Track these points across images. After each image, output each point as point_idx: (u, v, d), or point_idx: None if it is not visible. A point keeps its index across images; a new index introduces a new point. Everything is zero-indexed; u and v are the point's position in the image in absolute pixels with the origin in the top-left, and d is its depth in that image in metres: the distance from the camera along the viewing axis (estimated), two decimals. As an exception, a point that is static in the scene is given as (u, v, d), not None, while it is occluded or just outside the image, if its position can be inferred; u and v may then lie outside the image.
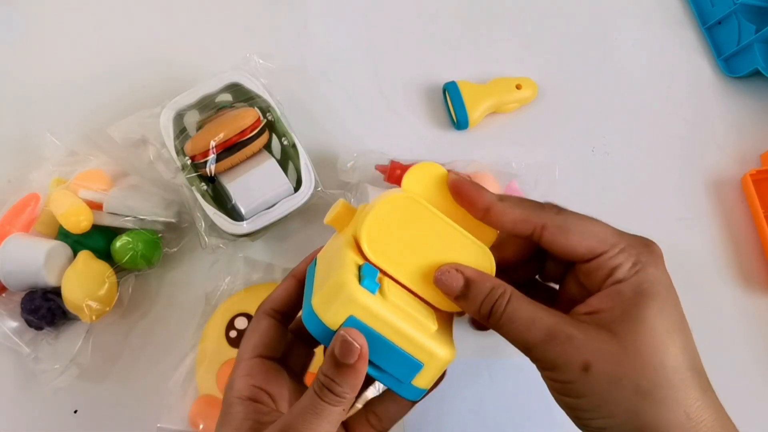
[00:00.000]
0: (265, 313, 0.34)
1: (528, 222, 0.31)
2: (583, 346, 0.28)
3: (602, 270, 0.30)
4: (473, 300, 0.30)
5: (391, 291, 0.30)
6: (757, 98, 0.60)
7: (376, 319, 0.29)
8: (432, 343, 0.29)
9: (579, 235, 0.31)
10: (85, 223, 0.47)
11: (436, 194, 0.32)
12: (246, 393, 0.32)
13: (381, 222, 0.31)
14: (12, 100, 0.57)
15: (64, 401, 0.47)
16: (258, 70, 0.53)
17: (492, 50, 0.61)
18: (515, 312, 0.29)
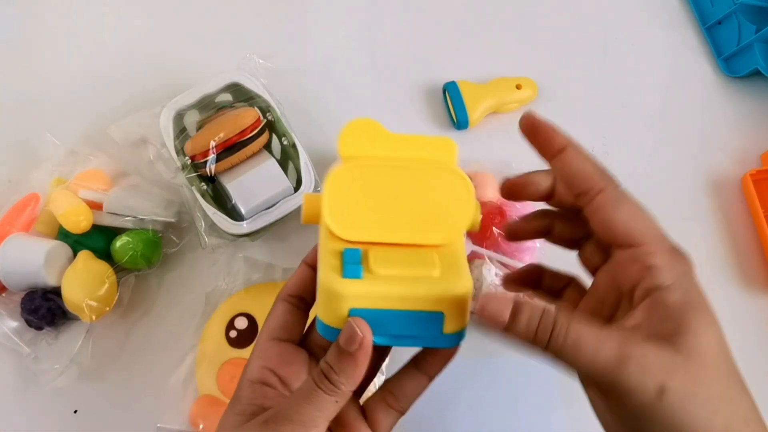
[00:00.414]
0: (281, 299, 0.34)
1: (591, 178, 0.30)
2: (656, 366, 0.25)
3: (637, 264, 0.28)
4: (525, 327, 0.27)
5: (379, 262, 0.29)
6: (757, 98, 0.60)
7: (374, 300, 0.28)
8: (439, 289, 0.29)
9: (626, 215, 0.29)
10: (85, 223, 0.47)
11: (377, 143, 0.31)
12: (256, 375, 0.32)
13: (338, 200, 0.30)
14: (12, 101, 0.57)
15: (64, 401, 0.47)
16: (258, 70, 0.53)
17: (492, 50, 0.61)
18: (580, 336, 0.26)
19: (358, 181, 0.30)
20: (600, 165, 0.31)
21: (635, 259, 0.28)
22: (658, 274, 0.28)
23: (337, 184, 0.30)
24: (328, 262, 0.30)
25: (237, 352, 0.47)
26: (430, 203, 0.31)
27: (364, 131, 0.31)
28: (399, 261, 0.30)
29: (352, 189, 0.30)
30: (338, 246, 0.30)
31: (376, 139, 0.31)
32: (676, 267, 0.28)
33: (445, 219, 0.31)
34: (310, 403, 0.28)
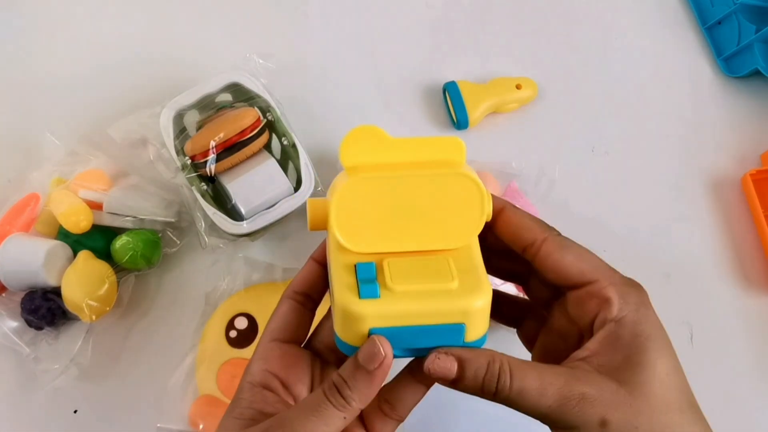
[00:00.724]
0: (287, 297, 0.33)
1: (532, 231, 0.31)
2: (597, 402, 0.27)
3: (593, 300, 0.30)
4: (473, 380, 0.28)
5: (395, 277, 0.29)
6: (757, 98, 0.60)
7: (394, 318, 0.28)
8: (459, 302, 0.28)
9: (575, 257, 0.31)
10: (84, 223, 0.47)
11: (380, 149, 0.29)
12: (258, 378, 0.31)
13: (347, 213, 0.29)
14: (12, 100, 0.57)
15: (64, 401, 0.47)
16: (258, 69, 0.53)
17: (492, 50, 0.61)
18: (524, 383, 0.28)
19: (365, 195, 0.29)
20: (538, 219, 0.32)
21: (591, 294, 0.30)
22: (613, 307, 0.29)
23: (344, 199, 0.29)
24: (342, 278, 0.29)
25: (237, 352, 0.47)
26: (440, 208, 0.30)
27: (366, 138, 0.29)
28: (415, 274, 0.29)
29: (359, 202, 0.29)
30: (350, 259, 0.30)
31: (379, 145, 0.29)
32: (630, 299, 0.30)
33: (457, 222, 0.30)
34: (317, 416, 0.27)
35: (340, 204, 0.29)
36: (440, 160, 0.29)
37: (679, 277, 0.53)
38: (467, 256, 0.30)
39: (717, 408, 0.48)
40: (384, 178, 0.29)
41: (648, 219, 0.55)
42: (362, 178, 0.29)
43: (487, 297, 0.29)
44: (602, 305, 0.30)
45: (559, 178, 0.54)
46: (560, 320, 0.33)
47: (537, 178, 0.54)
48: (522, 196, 0.51)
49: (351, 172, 0.29)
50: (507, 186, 0.52)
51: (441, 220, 0.30)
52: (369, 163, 0.29)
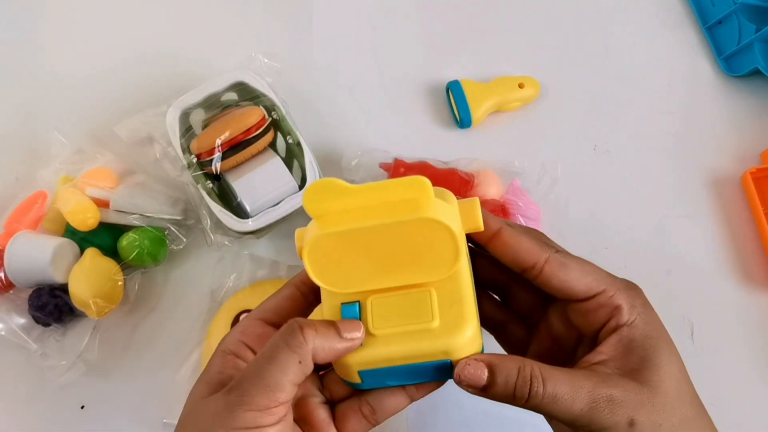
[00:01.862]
0: (291, 283, 0.33)
1: (532, 252, 0.31)
2: (624, 403, 0.28)
3: (604, 309, 0.31)
4: (503, 386, 0.28)
5: (377, 319, 0.29)
6: (757, 97, 0.60)
7: (378, 362, 0.29)
8: (440, 341, 0.29)
9: (578, 272, 0.31)
10: (91, 221, 0.48)
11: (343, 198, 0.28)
12: (231, 347, 0.31)
13: (322, 265, 0.29)
14: (20, 99, 0.57)
15: (71, 397, 0.48)
16: (263, 69, 0.53)
17: (495, 49, 0.61)
18: (556, 388, 0.28)
19: (335, 247, 0.29)
20: (534, 231, 0.32)
21: (601, 304, 0.31)
22: (623, 313, 0.30)
23: (315, 251, 0.29)
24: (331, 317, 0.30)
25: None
26: (413, 250, 0.29)
27: (327, 191, 0.28)
28: (396, 314, 0.29)
29: (331, 252, 0.29)
30: (335, 300, 0.30)
31: (341, 195, 0.28)
32: (636, 302, 0.31)
33: (433, 259, 0.29)
34: (271, 363, 0.27)
35: (312, 258, 0.29)
36: (404, 199, 0.28)
37: (679, 274, 0.53)
38: (453, 284, 0.30)
39: (718, 404, 0.48)
40: (350, 231, 0.28)
41: (649, 216, 0.55)
42: (328, 233, 0.28)
43: (473, 327, 0.29)
44: (613, 312, 0.30)
45: (561, 177, 0.55)
46: (557, 326, 0.34)
47: (539, 177, 0.54)
48: (524, 194, 0.52)
49: (319, 222, 0.29)
50: (509, 184, 0.52)
51: (417, 258, 0.29)
52: (334, 209, 0.29)
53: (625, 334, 0.30)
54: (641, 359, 0.29)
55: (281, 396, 0.27)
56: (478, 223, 0.30)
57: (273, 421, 0.27)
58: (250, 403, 0.26)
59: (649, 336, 0.30)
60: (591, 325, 0.31)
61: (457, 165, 0.53)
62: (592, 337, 0.32)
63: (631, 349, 0.30)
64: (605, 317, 0.31)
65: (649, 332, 0.30)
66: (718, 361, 0.51)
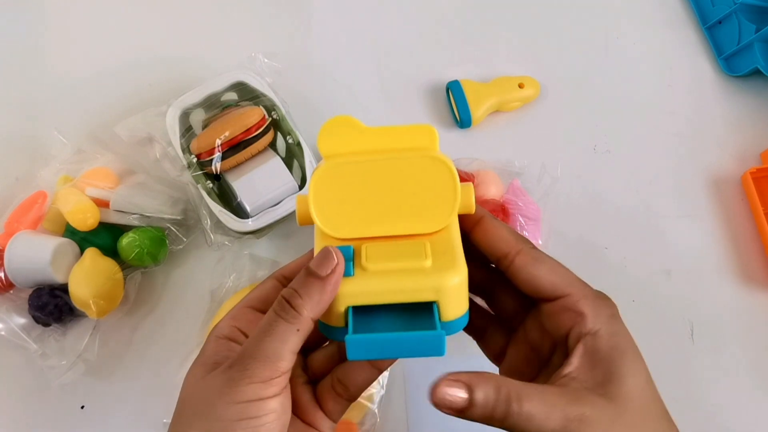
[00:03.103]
0: (273, 277, 0.34)
1: (507, 242, 0.32)
2: (595, 422, 0.27)
3: (567, 314, 0.30)
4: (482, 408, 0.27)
5: (371, 257, 0.29)
6: (757, 97, 0.60)
7: (368, 296, 0.29)
8: (431, 278, 0.29)
9: (548, 269, 0.31)
10: (91, 221, 0.48)
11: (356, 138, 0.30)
12: (225, 332, 0.31)
13: (325, 199, 0.30)
14: (20, 99, 0.58)
15: (71, 397, 0.48)
16: (263, 69, 0.53)
17: (495, 50, 0.61)
18: (531, 407, 0.27)
19: (342, 179, 0.30)
20: (515, 232, 0.33)
21: (565, 307, 0.30)
22: (587, 321, 0.30)
23: (321, 183, 0.30)
24: None
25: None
26: (416, 192, 0.30)
27: (342, 128, 0.30)
28: (390, 254, 0.30)
29: (337, 187, 0.30)
30: (330, 244, 0.30)
31: (355, 134, 0.30)
32: (603, 312, 0.30)
33: (433, 206, 0.31)
34: (270, 335, 0.27)
35: (318, 189, 0.30)
36: (414, 146, 0.30)
37: (679, 274, 0.53)
38: (446, 239, 0.31)
39: (717, 404, 0.48)
40: (358, 162, 0.30)
41: (649, 216, 0.55)
42: (337, 162, 0.30)
43: (462, 274, 0.29)
44: (576, 319, 0.30)
45: (561, 176, 0.55)
46: (533, 332, 0.33)
47: (539, 176, 0.54)
48: (524, 194, 0.52)
49: (329, 159, 0.30)
50: (509, 184, 0.52)
51: (416, 203, 0.31)
52: (346, 151, 0.30)
53: (590, 344, 0.29)
54: (607, 371, 0.29)
55: (282, 365, 0.27)
56: (471, 203, 0.31)
57: (275, 392, 0.27)
58: (251, 376, 0.27)
59: (614, 347, 0.29)
60: (557, 330, 0.31)
61: (457, 165, 0.53)
62: (563, 344, 0.31)
63: (596, 361, 0.29)
64: (569, 323, 0.30)
65: (615, 343, 0.29)
66: (718, 361, 0.51)
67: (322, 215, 0.31)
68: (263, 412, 0.27)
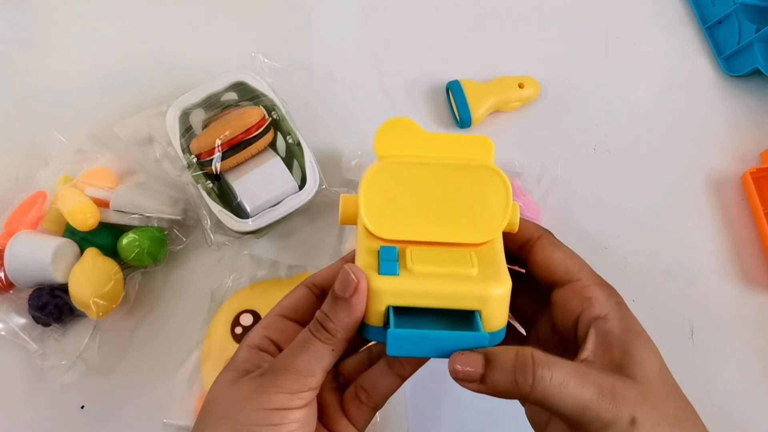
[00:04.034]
0: (304, 284, 0.34)
1: (529, 230, 0.34)
2: (625, 397, 0.27)
3: (577, 298, 0.31)
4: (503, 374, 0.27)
5: (416, 260, 0.29)
6: (758, 97, 0.60)
7: (411, 297, 0.28)
8: (477, 286, 0.28)
9: (563, 255, 0.33)
10: (91, 221, 0.48)
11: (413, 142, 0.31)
12: (256, 342, 0.32)
13: (375, 198, 0.30)
14: (20, 99, 0.57)
15: (71, 397, 0.48)
16: (263, 69, 0.53)
17: (495, 49, 0.61)
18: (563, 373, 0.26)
19: (394, 180, 0.30)
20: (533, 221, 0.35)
21: (574, 293, 0.31)
22: (597, 305, 0.30)
23: (373, 182, 0.30)
24: (365, 259, 0.30)
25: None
26: (467, 201, 0.31)
27: (400, 130, 0.31)
28: (436, 259, 0.30)
29: (388, 187, 0.30)
30: (375, 244, 0.31)
31: (412, 137, 0.31)
32: (610, 298, 0.31)
33: (482, 217, 0.31)
34: (306, 352, 0.29)
35: (369, 187, 0.30)
36: (470, 156, 0.31)
37: (679, 274, 0.53)
38: (490, 251, 0.31)
39: (717, 403, 0.48)
40: (412, 163, 0.30)
41: (649, 217, 0.55)
42: (391, 161, 0.30)
43: (506, 287, 0.29)
44: (585, 303, 0.31)
45: (561, 177, 0.55)
46: (544, 331, 0.34)
47: (539, 177, 0.54)
48: (524, 194, 0.52)
49: (382, 159, 0.31)
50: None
51: (466, 213, 0.31)
52: (400, 153, 0.31)
53: (601, 327, 0.30)
54: (623, 353, 0.29)
55: (312, 381, 0.29)
56: (516, 222, 0.32)
57: (300, 404, 0.28)
58: (280, 386, 0.28)
59: (626, 330, 0.30)
60: (567, 316, 0.31)
61: (457, 165, 0.53)
62: (571, 335, 0.32)
63: (610, 343, 0.29)
64: (578, 308, 0.31)
65: (626, 326, 0.30)
66: (718, 361, 0.51)
67: (370, 215, 0.31)
68: (286, 421, 0.28)
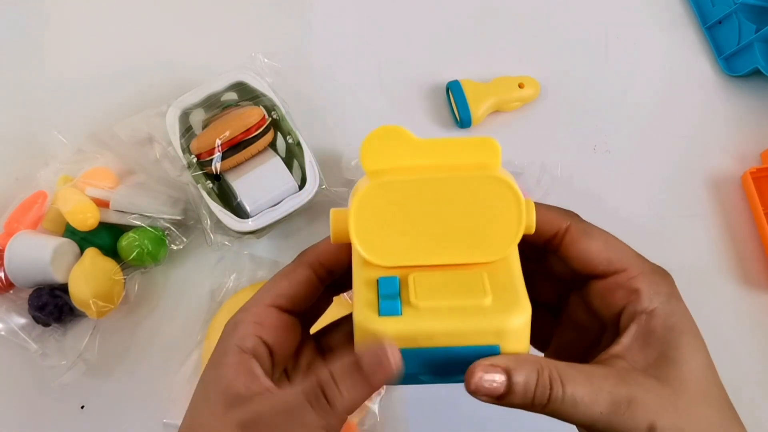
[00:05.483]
0: (307, 264, 0.30)
1: (553, 222, 0.29)
2: (645, 405, 0.25)
3: (622, 291, 0.28)
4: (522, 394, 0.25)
5: (421, 292, 0.26)
6: (757, 97, 0.60)
7: (418, 339, 0.25)
8: (492, 320, 0.25)
9: (602, 243, 0.29)
10: (91, 221, 0.48)
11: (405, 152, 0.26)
12: (249, 344, 0.28)
13: (368, 223, 0.26)
14: (20, 99, 0.58)
15: (71, 397, 0.48)
16: (263, 69, 0.53)
17: (495, 49, 0.61)
18: (575, 390, 0.25)
19: (389, 200, 0.26)
20: (552, 205, 0.30)
21: (619, 285, 0.28)
22: (643, 299, 0.27)
23: (365, 205, 0.26)
24: (362, 294, 0.26)
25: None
26: (472, 217, 0.26)
27: (389, 139, 0.26)
28: (443, 289, 0.26)
29: (383, 209, 0.26)
30: (373, 274, 0.27)
31: (404, 147, 0.26)
32: (661, 289, 0.28)
33: (491, 232, 0.27)
34: (293, 421, 0.24)
35: (361, 212, 0.26)
36: (472, 163, 0.26)
37: (679, 274, 0.52)
38: (505, 269, 0.27)
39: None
40: (408, 182, 0.26)
41: (648, 217, 0.55)
42: (384, 182, 0.26)
43: (527, 313, 0.25)
44: (630, 296, 0.28)
45: (560, 177, 0.55)
46: (578, 313, 0.31)
47: (539, 177, 0.54)
48: (524, 194, 0.52)
49: (373, 176, 0.26)
50: (509, 184, 0.52)
51: (473, 229, 0.27)
52: (393, 167, 0.26)
53: (644, 324, 0.27)
54: (661, 353, 0.26)
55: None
56: (532, 223, 0.27)
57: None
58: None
59: (671, 328, 0.27)
60: (610, 308, 0.28)
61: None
62: (613, 324, 0.29)
63: (650, 341, 0.27)
64: (622, 301, 0.28)
65: (672, 324, 0.27)
66: (717, 361, 0.50)
67: (365, 242, 0.27)
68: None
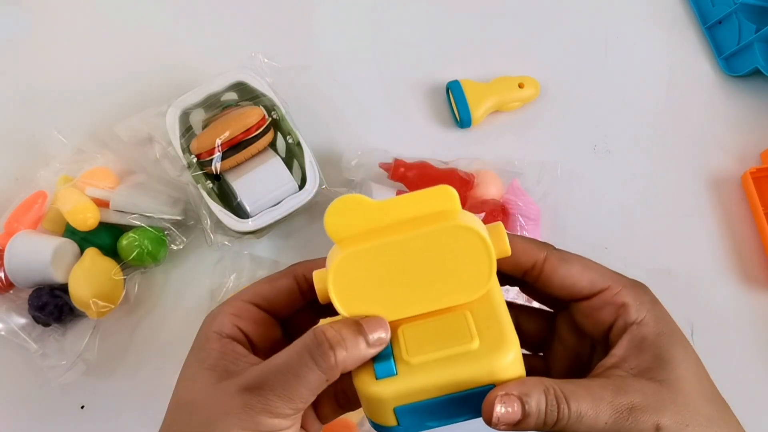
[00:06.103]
0: (294, 275, 0.31)
1: (530, 253, 0.30)
2: (646, 408, 0.26)
3: (609, 307, 0.30)
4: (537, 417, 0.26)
5: (411, 347, 0.27)
6: (757, 97, 0.60)
7: (416, 394, 0.27)
8: (483, 363, 0.27)
9: (580, 267, 0.30)
10: (91, 221, 0.48)
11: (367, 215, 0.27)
12: (228, 331, 0.29)
13: (348, 291, 0.28)
14: (20, 99, 0.57)
15: (71, 397, 0.48)
16: (263, 68, 0.53)
17: (495, 49, 0.61)
18: (579, 406, 0.26)
19: (361, 267, 0.27)
20: (528, 237, 0.32)
21: (605, 302, 0.30)
22: (631, 311, 0.29)
23: (340, 275, 0.27)
24: None
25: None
26: (444, 264, 0.28)
27: (350, 208, 0.27)
28: (431, 339, 0.28)
29: (358, 275, 0.28)
30: None
31: (365, 213, 0.27)
32: (644, 299, 0.30)
33: (465, 274, 0.28)
34: (299, 379, 0.26)
35: (338, 280, 0.28)
36: (434, 212, 0.27)
37: (679, 274, 0.53)
38: (487, 304, 0.29)
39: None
40: (376, 246, 0.27)
41: (649, 216, 0.55)
42: (353, 252, 0.27)
43: (515, 347, 0.27)
44: (619, 311, 0.29)
45: (560, 176, 0.55)
46: (569, 338, 0.33)
47: (539, 176, 0.54)
48: (524, 194, 0.52)
49: (342, 244, 0.28)
50: (509, 184, 0.52)
51: (448, 275, 0.28)
52: (358, 232, 0.27)
53: (636, 333, 0.29)
54: (656, 357, 0.28)
55: (302, 405, 0.27)
56: (505, 246, 0.29)
57: (290, 424, 0.27)
58: (271, 411, 0.26)
59: (661, 333, 0.29)
60: (599, 326, 0.30)
61: (457, 165, 0.53)
62: (603, 341, 0.31)
63: (643, 348, 0.28)
64: (611, 317, 0.29)
65: (661, 329, 0.29)
66: (718, 361, 0.50)
67: (348, 305, 0.28)
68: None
